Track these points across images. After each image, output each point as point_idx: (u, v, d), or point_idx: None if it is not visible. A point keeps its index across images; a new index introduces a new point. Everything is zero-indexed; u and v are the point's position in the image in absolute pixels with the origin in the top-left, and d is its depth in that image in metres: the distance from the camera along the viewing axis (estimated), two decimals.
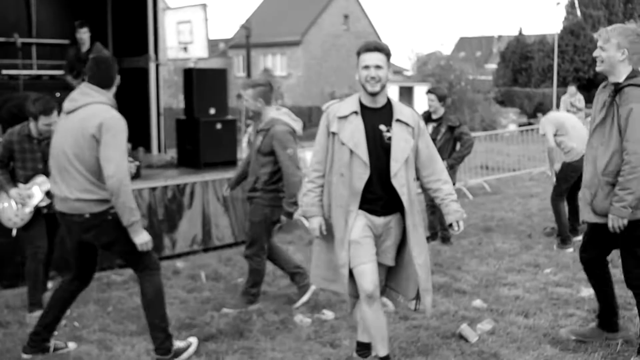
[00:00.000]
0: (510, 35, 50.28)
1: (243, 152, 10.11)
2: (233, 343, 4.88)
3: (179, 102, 29.33)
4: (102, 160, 4.14)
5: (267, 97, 5.64)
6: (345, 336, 5.00)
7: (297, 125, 5.71)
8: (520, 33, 44.31)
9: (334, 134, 4.10)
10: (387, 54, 4.09)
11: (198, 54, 10.12)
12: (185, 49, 10.19)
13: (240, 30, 10.61)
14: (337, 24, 39.70)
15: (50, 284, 6.06)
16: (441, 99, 7.81)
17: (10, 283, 6.39)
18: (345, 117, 4.09)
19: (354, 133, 4.02)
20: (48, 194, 5.39)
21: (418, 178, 4.23)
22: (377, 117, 4.09)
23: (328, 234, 4.20)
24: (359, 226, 4.05)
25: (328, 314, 5.49)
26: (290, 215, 5.60)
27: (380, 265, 4.17)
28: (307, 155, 9.17)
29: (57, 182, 4.35)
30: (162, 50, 10.60)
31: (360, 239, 4.04)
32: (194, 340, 4.75)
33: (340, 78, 38.68)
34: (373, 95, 4.09)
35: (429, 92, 7.93)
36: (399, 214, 4.15)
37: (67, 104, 4.36)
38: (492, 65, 52.79)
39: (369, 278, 4.01)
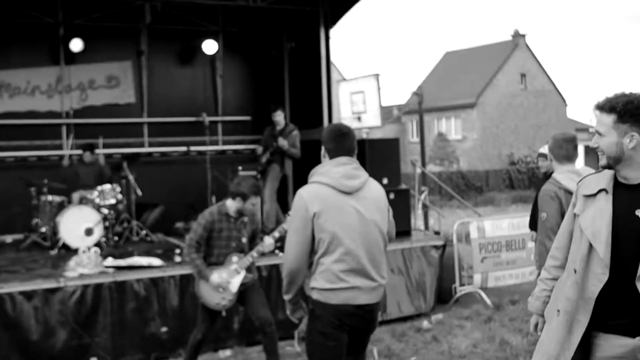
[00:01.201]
0: None
1: (417, 219, 9.93)
2: None
3: None
4: (390, 233, 3.94)
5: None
6: None
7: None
8: None
9: (575, 215, 3.12)
10: (619, 113, 2.87)
11: (371, 122, 10.18)
12: (359, 118, 10.31)
13: (413, 96, 10.59)
14: (513, 83, 38.73)
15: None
16: None
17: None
18: (592, 195, 3.03)
19: (596, 219, 2.95)
20: (248, 269, 5.57)
21: None
22: (634, 199, 2.91)
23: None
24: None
25: None
26: None
27: None
28: (486, 225, 8.78)
29: (367, 270, 3.71)
30: (336, 121, 10.85)
31: None
32: None
33: (519, 139, 37.44)
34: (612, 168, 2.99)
35: None
36: None
37: (351, 183, 3.73)
38: None
39: None
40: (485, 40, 60.52)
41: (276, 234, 5.53)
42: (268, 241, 5.54)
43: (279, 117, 9.43)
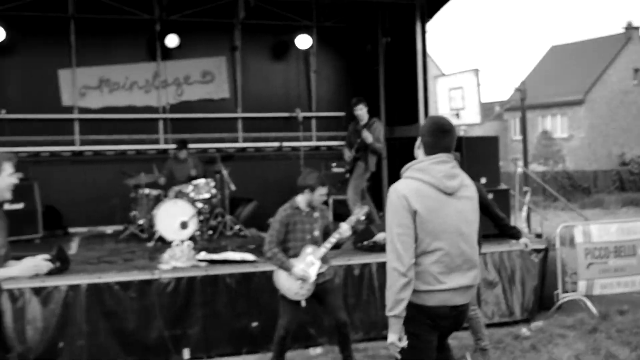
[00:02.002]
0: None
1: (520, 220, 9.47)
2: None
3: None
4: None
5: None
6: None
7: None
8: None
9: None
10: None
11: (470, 119, 9.77)
12: (457, 115, 9.92)
13: (516, 92, 10.11)
14: (625, 78, 36.75)
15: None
16: None
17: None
18: None
19: None
20: (323, 259, 5.62)
21: None
22: None
23: None
24: None
25: None
26: None
27: None
28: (593, 229, 8.22)
29: (464, 271, 3.61)
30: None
31: None
32: None
33: (631, 138, 35.49)
34: None
35: None
36: None
37: (452, 183, 3.58)
38: None
39: None
40: (594, 34, 58.05)
41: (352, 218, 5.71)
42: (344, 227, 5.63)
43: (361, 111, 9.06)
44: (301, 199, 5.70)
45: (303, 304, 5.65)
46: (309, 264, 5.61)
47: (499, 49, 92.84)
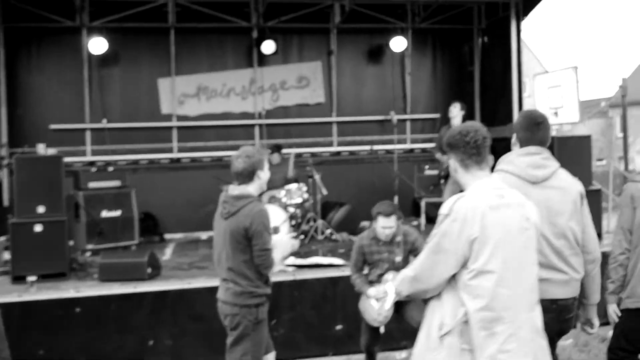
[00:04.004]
0: None
1: (610, 222, 8.98)
2: None
3: None
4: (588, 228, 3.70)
5: None
6: None
7: None
8: None
9: None
10: None
11: (569, 118, 9.41)
12: (556, 113, 9.56)
13: (619, 89, 9.67)
14: None
15: None
16: None
17: None
18: None
19: None
20: None
21: None
22: None
23: None
24: None
25: None
26: None
27: None
28: None
29: (553, 262, 3.54)
30: None
31: None
32: None
33: None
34: None
35: None
36: None
37: (537, 172, 3.59)
38: None
39: None
40: None
41: None
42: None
43: (454, 111, 8.88)
44: (377, 227, 5.55)
45: (382, 330, 5.60)
46: (387, 291, 5.41)
47: (605, 43, 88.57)
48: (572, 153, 8.18)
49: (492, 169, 3.37)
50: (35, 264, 6.89)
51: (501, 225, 2.95)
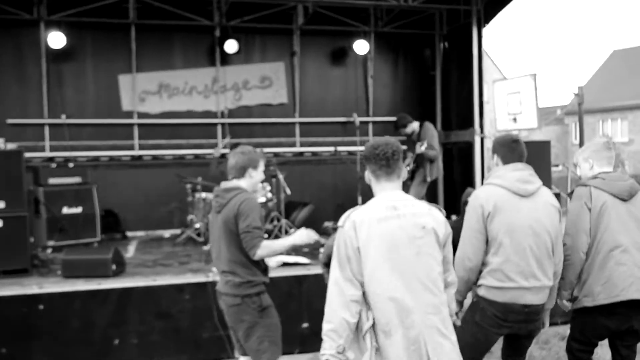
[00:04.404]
0: None
1: None
2: None
3: None
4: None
5: None
6: None
7: None
8: None
9: None
10: None
11: (528, 124, 9.64)
12: (514, 119, 9.79)
13: (575, 96, 9.95)
14: None
15: None
16: None
17: None
18: None
19: None
20: None
21: None
22: None
23: None
24: None
25: None
26: None
27: None
28: None
29: (534, 271, 3.91)
30: (490, 123, 10.43)
31: None
32: None
33: None
34: None
35: None
36: None
37: (526, 187, 3.97)
38: None
39: None
40: None
41: None
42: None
43: (409, 130, 9.06)
44: None
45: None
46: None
47: (562, 52, 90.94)
48: (532, 158, 8.31)
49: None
50: None
51: (387, 235, 3.08)
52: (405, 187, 8.87)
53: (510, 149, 4.08)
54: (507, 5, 10.13)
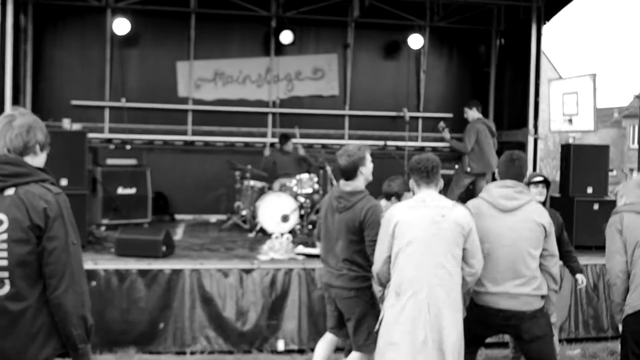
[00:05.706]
0: None
1: None
2: None
3: None
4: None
5: None
6: None
7: None
8: None
9: None
10: None
11: (584, 126, 9.41)
12: (570, 120, 9.58)
13: (635, 99, 9.68)
14: None
15: None
16: None
17: None
18: None
19: None
20: None
21: None
22: None
23: None
24: None
25: None
26: None
27: None
28: None
29: (506, 279, 4.21)
30: (542, 123, 10.27)
31: None
32: None
33: None
34: None
35: None
36: None
37: (507, 203, 4.25)
38: None
39: None
40: None
41: None
42: None
43: (465, 115, 9.09)
44: (387, 206, 5.40)
45: None
46: None
47: (622, 53, 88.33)
48: (589, 162, 8.24)
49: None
50: None
51: (414, 217, 3.97)
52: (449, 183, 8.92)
53: (507, 167, 4.40)
54: (569, 4, 9.94)
